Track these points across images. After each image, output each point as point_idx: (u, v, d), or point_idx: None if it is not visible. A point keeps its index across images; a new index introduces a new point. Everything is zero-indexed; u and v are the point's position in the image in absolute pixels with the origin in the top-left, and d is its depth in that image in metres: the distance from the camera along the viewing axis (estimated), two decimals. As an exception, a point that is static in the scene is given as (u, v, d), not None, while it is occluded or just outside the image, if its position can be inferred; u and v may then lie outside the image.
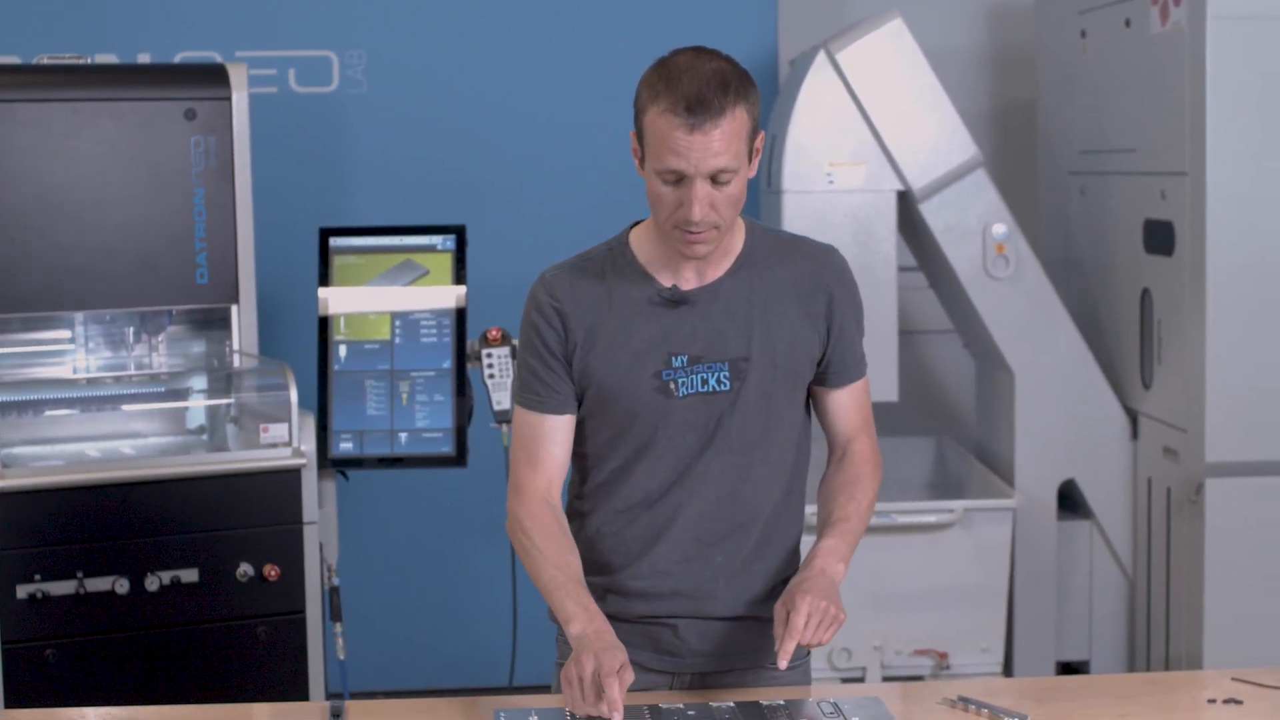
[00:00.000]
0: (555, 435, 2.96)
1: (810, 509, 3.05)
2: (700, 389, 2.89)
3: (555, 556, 2.88)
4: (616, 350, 2.90)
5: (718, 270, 2.92)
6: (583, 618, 2.79)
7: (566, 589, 2.83)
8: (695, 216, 2.74)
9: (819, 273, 2.97)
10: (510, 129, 5.82)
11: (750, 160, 2.82)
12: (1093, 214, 5.80)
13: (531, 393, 2.95)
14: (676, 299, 2.90)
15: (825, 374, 3.00)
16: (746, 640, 2.97)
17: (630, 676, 2.69)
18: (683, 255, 2.85)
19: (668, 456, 2.91)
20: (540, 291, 2.95)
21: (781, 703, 2.78)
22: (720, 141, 2.72)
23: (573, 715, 2.71)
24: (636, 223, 3.00)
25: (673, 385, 2.89)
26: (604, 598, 2.96)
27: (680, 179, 2.75)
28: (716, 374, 2.89)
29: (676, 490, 2.92)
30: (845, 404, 3.05)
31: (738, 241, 2.95)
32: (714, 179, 2.75)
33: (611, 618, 2.92)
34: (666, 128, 2.73)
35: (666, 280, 2.92)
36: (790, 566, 3.03)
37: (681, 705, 2.79)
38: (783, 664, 2.71)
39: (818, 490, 3.06)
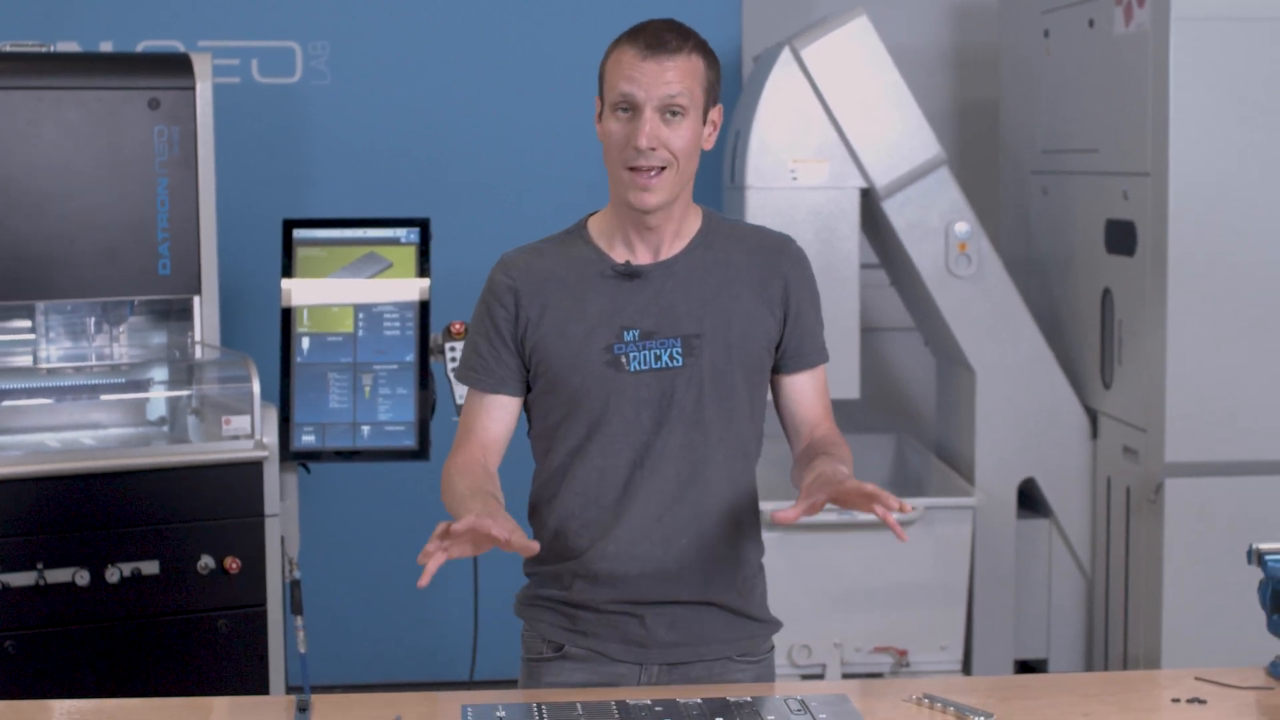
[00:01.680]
0: (493, 412, 3.00)
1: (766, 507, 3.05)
2: (653, 365, 2.91)
3: (471, 482, 2.87)
4: (569, 324, 2.92)
5: (673, 248, 2.96)
6: (478, 508, 2.74)
7: (472, 496, 2.81)
8: (642, 142, 2.81)
9: (775, 258, 3.00)
10: (474, 121, 5.82)
11: (705, 120, 2.90)
12: (1055, 213, 5.83)
13: (471, 369, 3.00)
14: (629, 273, 2.93)
15: (783, 359, 3.02)
16: (713, 630, 2.98)
17: (521, 537, 2.65)
18: (633, 209, 2.87)
19: (621, 433, 2.92)
20: (498, 272, 3.00)
21: (749, 699, 2.78)
22: (673, 73, 2.83)
23: (539, 709, 2.72)
24: (595, 213, 3.04)
25: (624, 359, 2.91)
26: (571, 585, 2.97)
27: (632, 109, 2.83)
28: (669, 350, 2.91)
29: (636, 470, 2.93)
30: (807, 390, 3.05)
31: (694, 224, 2.99)
32: (664, 113, 2.83)
33: (580, 607, 2.96)
34: (622, 58, 2.85)
35: (621, 257, 2.95)
36: (754, 553, 3.04)
37: (649, 701, 2.78)
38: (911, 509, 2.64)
39: (792, 469, 3.03)
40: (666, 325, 2.92)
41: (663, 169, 2.84)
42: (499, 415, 3.00)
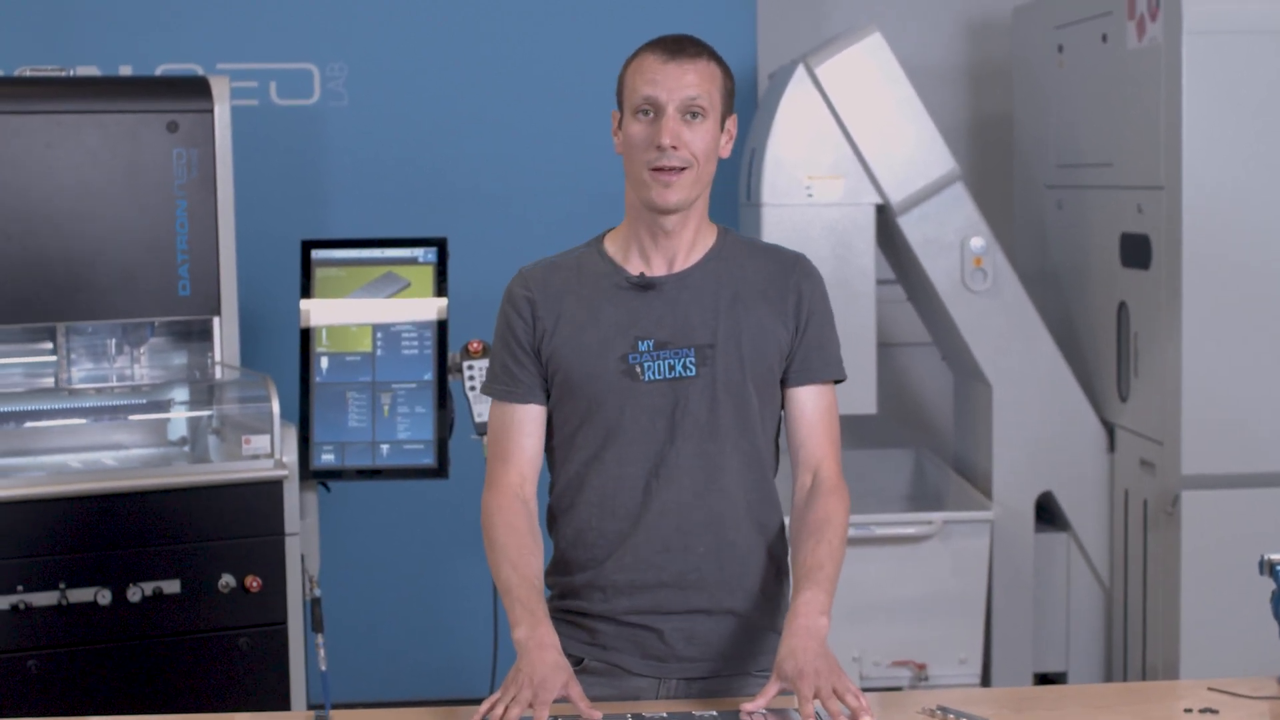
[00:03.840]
0: (525, 426, 3.01)
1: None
2: (667, 374, 2.93)
3: (514, 555, 2.93)
4: (584, 334, 2.95)
5: (687, 259, 2.99)
6: (527, 622, 2.83)
7: (517, 593, 2.88)
8: (666, 140, 2.87)
9: (788, 272, 3.03)
10: (491, 141, 5.84)
11: (723, 127, 2.96)
12: (1069, 227, 5.84)
13: (499, 383, 3.02)
14: (644, 284, 2.96)
15: (790, 371, 3.01)
16: (733, 645, 2.99)
17: (578, 689, 2.77)
18: (654, 210, 2.92)
19: (637, 442, 2.94)
20: (515, 285, 3.04)
21: (764, 713, 2.80)
22: (693, 75, 2.91)
23: None
24: (611, 229, 3.08)
25: (639, 369, 2.93)
26: (590, 596, 2.98)
27: (654, 112, 2.89)
28: (683, 359, 2.94)
29: (652, 480, 2.94)
30: (809, 409, 3.02)
31: (709, 239, 3.02)
32: (684, 114, 2.89)
33: (599, 619, 2.98)
34: (643, 64, 2.93)
35: (636, 269, 2.99)
36: (776, 562, 3.05)
37: (665, 715, 2.81)
38: None
39: (789, 524, 3.05)
40: (680, 335, 2.95)
41: (683, 169, 2.89)
42: (531, 429, 3.01)
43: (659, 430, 2.94)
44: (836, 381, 3.06)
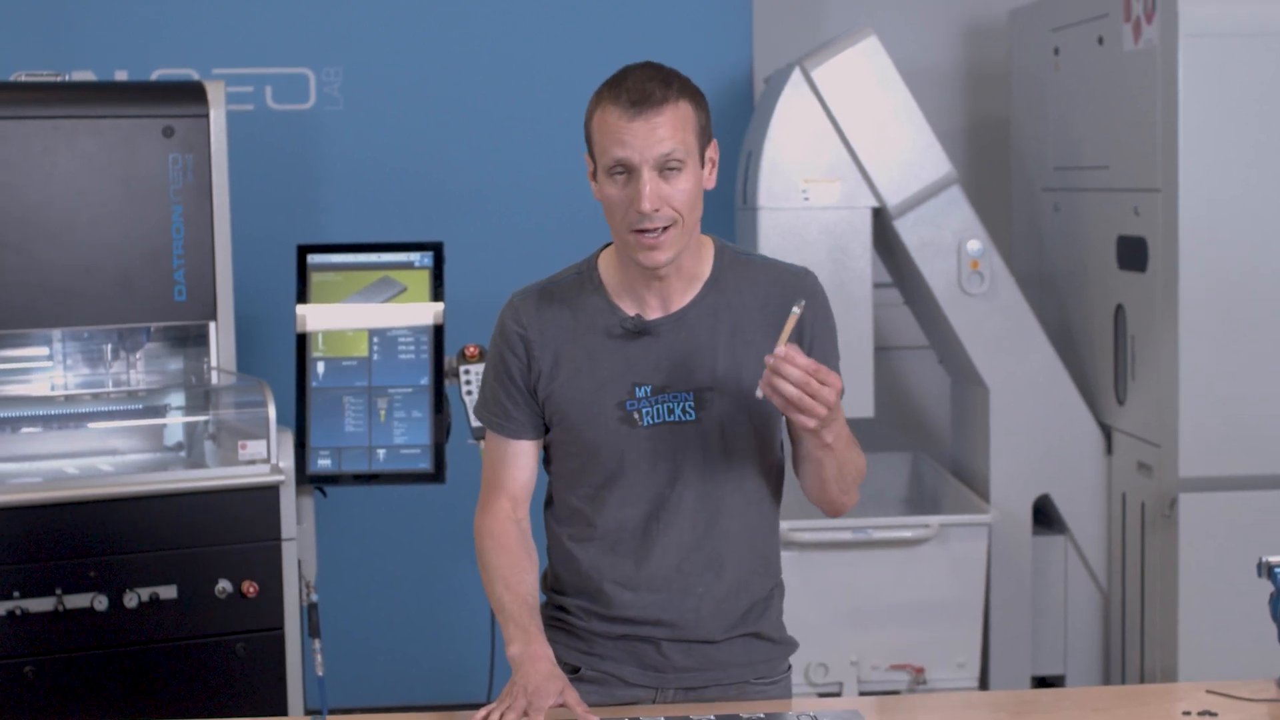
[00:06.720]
0: (518, 460, 2.99)
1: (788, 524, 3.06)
2: (666, 419, 2.89)
3: (508, 574, 2.92)
4: (581, 380, 2.90)
5: (683, 298, 2.91)
6: (520, 640, 2.82)
7: (510, 610, 2.87)
8: (645, 206, 2.73)
9: (790, 296, 2.90)
10: (487, 145, 5.84)
11: (703, 163, 2.82)
12: (1066, 230, 5.84)
13: (492, 414, 2.98)
14: (639, 329, 2.89)
15: None
16: (730, 655, 2.98)
17: (574, 695, 2.76)
18: (643, 267, 2.82)
19: (638, 486, 2.91)
20: (508, 317, 2.96)
21: (761, 716, 2.80)
22: (664, 128, 2.74)
23: None
24: (607, 245, 3.00)
25: (637, 415, 2.89)
26: (588, 619, 2.97)
27: (628, 172, 2.76)
28: (681, 404, 2.88)
29: (653, 522, 2.92)
30: None
31: (705, 266, 2.93)
32: (662, 170, 2.75)
33: (596, 635, 2.97)
34: (609, 120, 2.77)
35: (631, 308, 2.91)
36: (770, 583, 3.04)
37: (663, 718, 2.80)
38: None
39: (803, 485, 3.01)
40: (678, 380, 2.88)
41: (668, 228, 2.78)
42: (524, 462, 3.00)
43: (660, 474, 2.90)
44: None
